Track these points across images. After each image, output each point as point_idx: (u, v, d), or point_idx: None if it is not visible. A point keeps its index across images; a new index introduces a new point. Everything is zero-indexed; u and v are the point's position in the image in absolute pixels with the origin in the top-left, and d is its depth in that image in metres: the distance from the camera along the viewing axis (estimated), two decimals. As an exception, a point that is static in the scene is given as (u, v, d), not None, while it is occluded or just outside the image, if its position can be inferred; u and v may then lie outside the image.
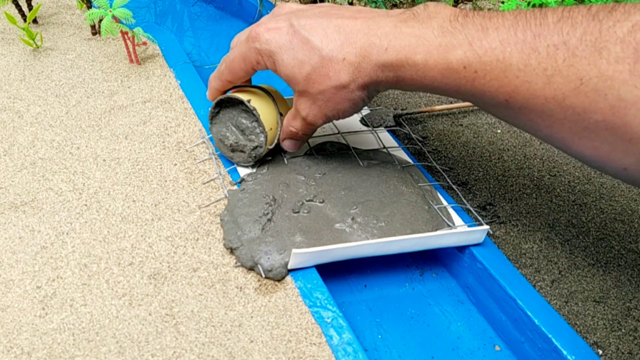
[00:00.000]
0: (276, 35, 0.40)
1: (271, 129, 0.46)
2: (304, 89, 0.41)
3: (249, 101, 0.45)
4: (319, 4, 0.43)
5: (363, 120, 0.57)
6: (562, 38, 0.31)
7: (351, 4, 0.70)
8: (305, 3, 0.78)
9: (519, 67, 0.32)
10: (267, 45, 0.41)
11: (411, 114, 0.60)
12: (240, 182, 0.47)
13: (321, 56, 0.39)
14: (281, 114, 0.47)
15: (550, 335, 0.38)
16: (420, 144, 0.55)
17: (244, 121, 0.46)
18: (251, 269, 0.41)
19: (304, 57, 0.39)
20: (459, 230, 0.43)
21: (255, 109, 0.45)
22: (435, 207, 0.46)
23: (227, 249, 0.42)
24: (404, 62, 0.36)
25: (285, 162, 0.49)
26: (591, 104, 0.30)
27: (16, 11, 0.71)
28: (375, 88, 0.40)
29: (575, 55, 0.30)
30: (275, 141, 0.47)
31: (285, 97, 0.50)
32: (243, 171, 0.48)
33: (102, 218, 0.44)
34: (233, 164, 0.49)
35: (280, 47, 0.40)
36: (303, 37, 0.39)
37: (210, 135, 0.52)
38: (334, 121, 0.56)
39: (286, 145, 0.47)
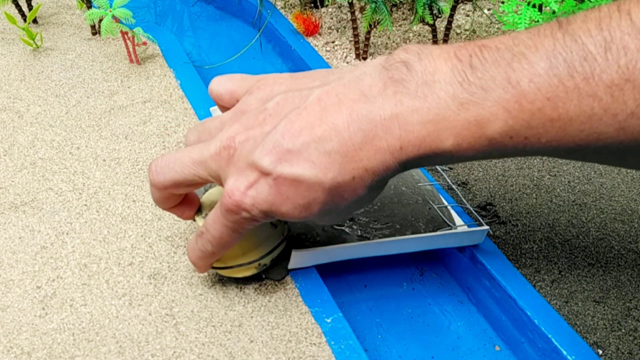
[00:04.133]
0: (256, 193, 0.31)
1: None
2: (322, 217, 0.33)
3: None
4: (256, 105, 0.34)
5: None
6: (623, 74, 0.25)
7: (351, 4, 0.70)
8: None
9: (581, 121, 0.26)
10: (256, 210, 0.32)
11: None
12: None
13: (326, 189, 0.31)
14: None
15: (550, 335, 0.38)
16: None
17: None
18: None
19: (307, 200, 0.31)
20: (459, 231, 0.43)
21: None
22: (436, 207, 0.46)
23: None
24: (430, 154, 0.29)
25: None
26: None
27: (16, 11, 0.71)
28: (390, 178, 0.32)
29: None
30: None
31: None
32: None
33: (102, 218, 0.45)
34: None
35: (272, 203, 0.31)
36: (289, 180, 0.30)
37: None
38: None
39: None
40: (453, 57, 0.29)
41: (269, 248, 0.39)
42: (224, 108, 0.38)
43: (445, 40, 0.69)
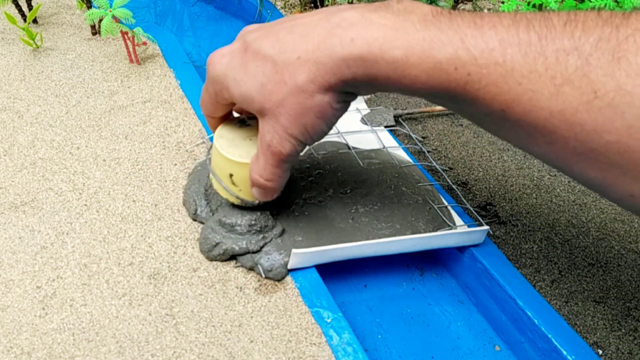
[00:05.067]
0: (228, 57, 0.36)
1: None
2: (262, 106, 0.34)
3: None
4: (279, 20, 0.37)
5: (363, 120, 0.57)
6: (574, 43, 0.26)
7: (351, 2, 0.70)
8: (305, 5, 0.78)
9: (522, 73, 0.27)
10: (220, 69, 0.36)
11: (411, 113, 0.60)
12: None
13: (274, 62, 0.33)
14: None
15: (550, 335, 0.38)
16: (420, 144, 0.55)
17: None
18: (251, 269, 0.41)
19: (257, 69, 0.34)
20: (459, 231, 0.43)
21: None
22: (436, 207, 0.46)
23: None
24: (377, 57, 0.30)
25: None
26: (605, 122, 0.26)
27: (16, 11, 0.71)
28: (343, 89, 0.33)
29: (589, 64, 0.26)
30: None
31: None
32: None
33: (102, 218, 0.44)
34: None
35: (232, 67, 0.35)
36: (254, 50, 0.34)
37: (211, 135, 0.52)
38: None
39: (255, 193, 0.39)
40: (439, 8, 0.32)
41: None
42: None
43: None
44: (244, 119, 0.42)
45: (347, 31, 0.31)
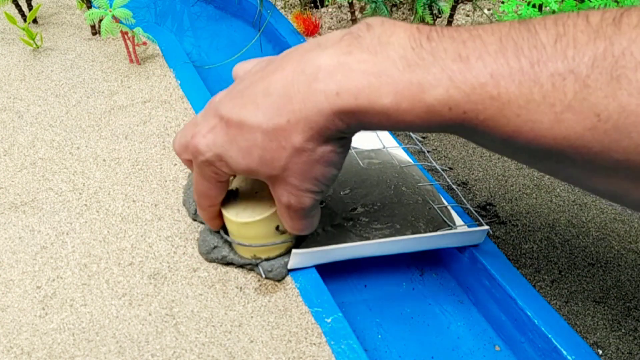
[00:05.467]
0: (212, 136, 0.34)
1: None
2: (269, 174, 0.34)
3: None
4: (249, 73, 0.35)
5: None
6: (568, 64, 0.25)
7: (351, 4, 0.70)
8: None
9: (519, 104, 0.26)
10: (210, 152, 0.34)
11: (411, 114, 0.60)
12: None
13: (263, 131, 0.31)
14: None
15: (550, 335, 0.38)
16: (420, 144, 0.55)
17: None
18: (251, 269, 0.41)
19: (248, 143, 0.32)
20: (459, 231, 0.43)
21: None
22: (436, 207, 0.46)
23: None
24: (367, 108, 0.29)
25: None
26: (611, 143, 0.25)
27: (16, 11, 0.71)
28: (341, 136, 0.32)
29: (587, 86, 0.24)
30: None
31: None
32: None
33: (102, 218, 0.45)
34: None
35: (222, 146, 0.33)
36: (236, 123, 0.32)
37: None
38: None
39: (302, 232, 0.39)
40: (414, 29, 0.29)
41: (266, 242, 0.40)
42: None
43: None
44: (231, 190, 0.40)
45: (329, 84, 0.29)
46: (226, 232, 0.41)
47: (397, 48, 0.28)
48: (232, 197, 0.40)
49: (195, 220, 0.45)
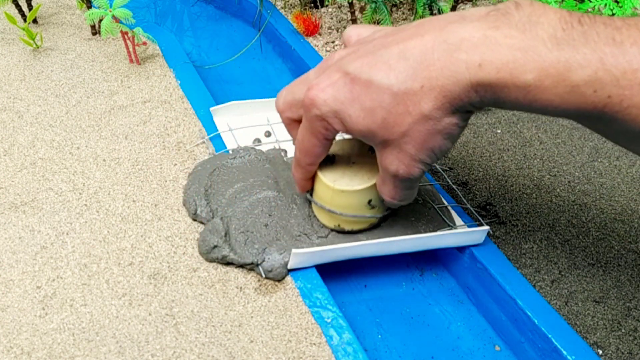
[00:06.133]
0: (333, 91, 0.33)
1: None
2: (384, 139, 0.33)
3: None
4: (371, 38, 0.35)
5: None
6: None
7: (351, 4, 0.70)
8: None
9: None
10: (327, 106, 0.33)
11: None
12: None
13: (393, 93, 0.31)
14: None
15: (550, 335, 0.38)
16: (420, 144, 0.55)
17: None
18: (251, 269, 0.41)
19: (374, 102, 0.32)
20: (459, 231, 0.43)
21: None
22: (436, 207, 0.46)
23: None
24: (507, 82, 0.28)
25: (285, 159, 0.49)
26: None
27: (16, 11, 0.71)
28: (468, 110, 0.31)
29: None
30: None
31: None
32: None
33: (102, 218, 0.45)
34: None
35: (342, 102, 0.33)
36: (364, 81, 0.32)
37: (217, 133, 0.52)
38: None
39: (390, 204, 0.39)
40: (564, 12, 0.29)
41: (356, 213, 0.40)
42: None
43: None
44: (327, 155, 0.40)
45: (472, 55, 0.29)
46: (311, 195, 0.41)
47: (547, 27, 0.28)
48: (328, 162, 0.40)
49: (195, 220, 0.45)
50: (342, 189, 0.38)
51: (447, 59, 0.30)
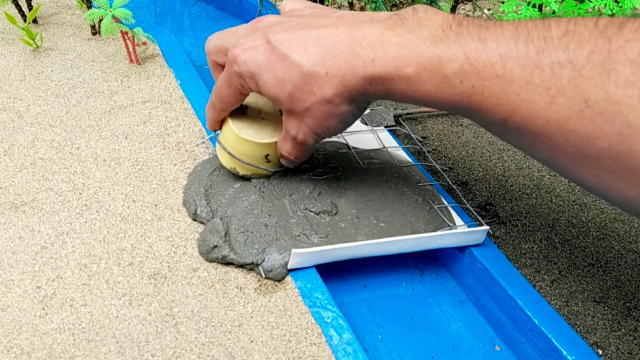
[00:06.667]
0: (254, 54, 0.37)
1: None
2: (290, 108, 0.38)
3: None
4: (300, 13, 0.40)
5: (363, 120, 0.57)
6: (568, 55, 0.28)
7: (351, 4, 0.70)
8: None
9: (520, 85, 0.29)
10: (245, 66, 0.38)
11: (411, 113, 0.60)
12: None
13: (302, 72, 0.36)
14: None
15: (550, 335, 0.38)
16: (420, 144, 0.55)
17: None
18: (251, 269, 0.41)
19: (285, 75, 0.36)
20: (459, 231, 0.43)
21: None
22: (436, 207, 0.46)
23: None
24: (394, 75, 0.33)
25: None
26: (596, 129, 0.27)
27: (16, 11, 0.71)
28: (364, 100, 0.37)
29: (581, 76, 0.27)
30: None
31: None
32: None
33: (102, 218, 0.44)
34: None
35: (259, 66, 0.37)
36: (282, 54, 0.36)
37: (211, 135, 0.52)
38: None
39: (284, 163, 0.44)
40: (450, 16, 0.34)
41: (251, 162, 0.44)
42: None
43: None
44: (240, 106, 0.44)
45: (368, 51, 0.34)
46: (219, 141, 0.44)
47: (431, 28, 0.33)
48: (240, 111, 0.44)
49: (195, 220, 0.45)
50: (246, 138, 0.42)
51: (350, 52, 0.34)
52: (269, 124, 0.44)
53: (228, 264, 0.41)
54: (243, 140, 0.42)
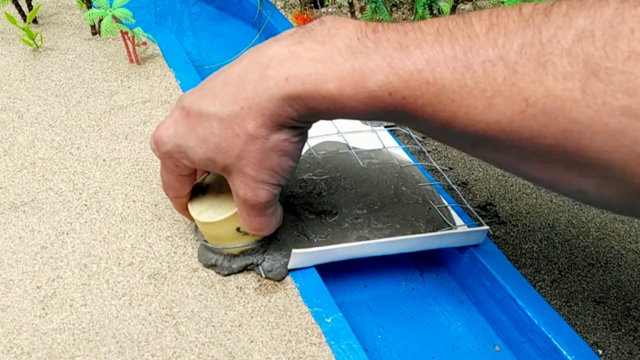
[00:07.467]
0: (174, 127, 0.35)
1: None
2: (224, 164, 0.34)
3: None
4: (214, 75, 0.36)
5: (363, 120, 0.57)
6: (498, 51, 0.26)
7: (351, 4, 0.70)
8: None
9: (453, 90, 0.27)
10: (171, 142, 0.35)
11: (411, 114, 0.60)
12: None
13: (219, 119, 0.33)
14: None
15: (550, 335, 0.38)
16: (420, 144, 0.55)
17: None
18: (251, 269, 0.41)
19: (206, 131, 0.33)
20: (459, 231, 0.43)
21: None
22: (436, 207, 0.46)
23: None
24: (314, 94, 0.30)
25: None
26: (541, 128, 0.26)
27: (16, 11, 0.71)
28: (293, 125, 0.32)
29: (516, 72, 0.26)
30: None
31: None
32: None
33: (102, 218, 0.45)
34: None
35: (181, 136, 0.34)
36: (196, 112, 0.34)
37: None
38: (333, 121, 0.56)
39: (261, 232, 0.38)
40: (362, 23, 0.31)
41: (226, 244, 0.40)
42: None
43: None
44: (199, 185, 0.41)
45: (279, 71, 0.30)
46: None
47: (344, 38, 0.30)
48: (200, 194, 0.40)
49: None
50: (205, 222, 0.38)
51: (259, 77, 0.31)
52: (228, 196, 0.39)
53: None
54: (205, 224, 0.39)
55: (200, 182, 0.41)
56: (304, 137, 0.34)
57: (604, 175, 0.26)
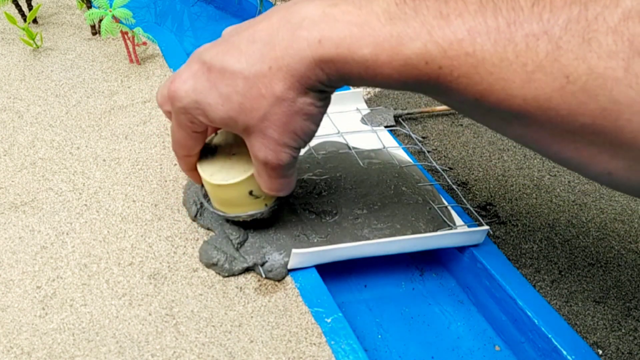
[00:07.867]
0: (192, 82, 0.33)
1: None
2: (246, 124, 0.33)
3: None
4: (234, 31, 0.35)
5: (363, 120, 0.57)
6: (543, 26, 0.25)
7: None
8: None
9: (493, 62, 0.26)
10: (188, 98, 0.33)
11: (411, 113, 0.60)
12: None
13: (245, 77, 0.31)
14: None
15: (550, 335, 0.38)
16: (420, 144, 0.55)
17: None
18: (251, 269, 0.41)
19: (229, 89, 0.32)
20: (459, 231, 0.43)
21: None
22: (436, 207, 0.46)
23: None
24: (347, 58, 0.29)
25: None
26: (579, 105, 0.25)
27: (16, 11, 0.71)
28: (321, 88, 0.32)
29: (559, 48, 0.25)
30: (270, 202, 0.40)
31: None
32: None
33: (102, 218, 0.45)
34: None
35: (201, 92, 0.33)
36: (219, 68, 0.32)
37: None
38: (333, 121, 0.56)
39: (280, 193, 0.38)
40: None
41: (237, 209, 0.40)
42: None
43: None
44: (207, 145, 0.40)
45: (312, 32, 0.29)
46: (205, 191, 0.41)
47: (382, 3, 0.29)
48: (209, 155, 0.39)
49: (195, 220, 0.45)
50: (219, 184, 0.37)
51: (290, 37, 0.30)
52: (241, 158, 0.38)
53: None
54: (217, 187, 0.38)
55: (208, 143, 0.40)
56: (328, 102, 0.33)
57: (636, 157, 0.26)
